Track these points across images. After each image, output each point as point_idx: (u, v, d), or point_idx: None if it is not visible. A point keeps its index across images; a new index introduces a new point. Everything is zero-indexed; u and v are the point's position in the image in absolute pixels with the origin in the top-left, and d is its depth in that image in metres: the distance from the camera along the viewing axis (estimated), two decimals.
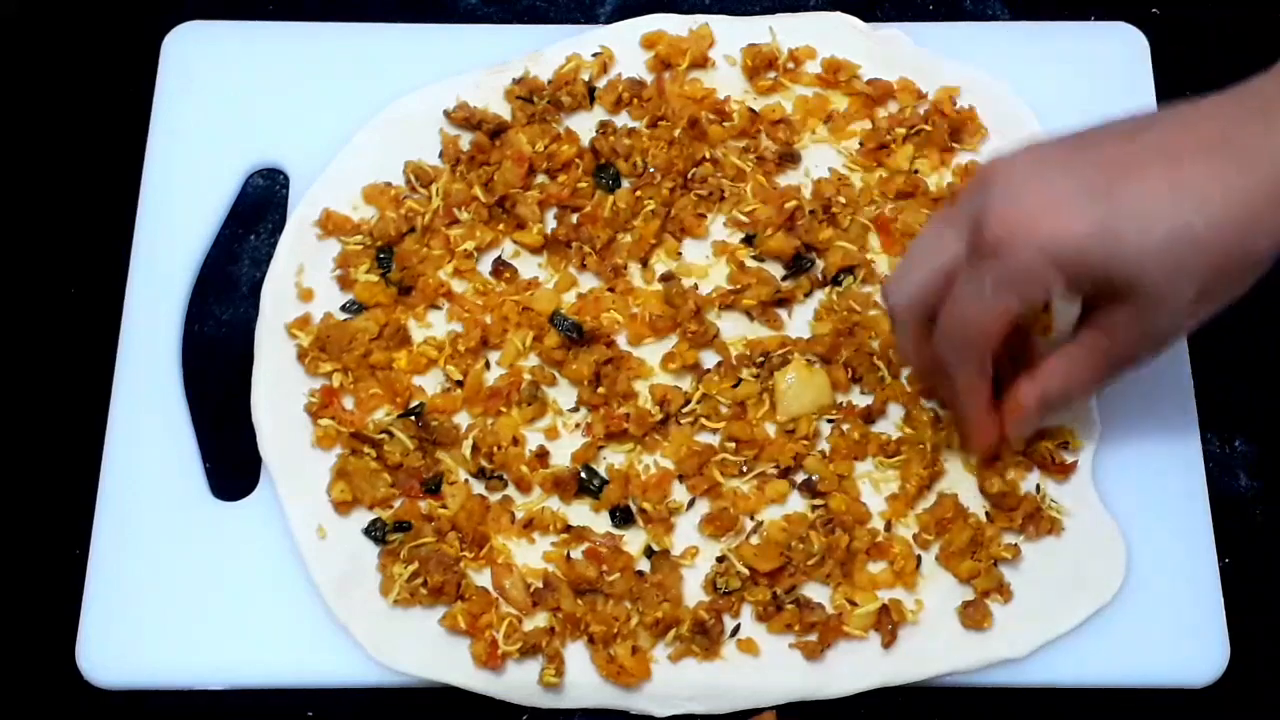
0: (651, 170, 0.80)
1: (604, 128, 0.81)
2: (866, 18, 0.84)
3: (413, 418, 0.74)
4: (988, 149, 0.81)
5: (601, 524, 0.73)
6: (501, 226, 0.79)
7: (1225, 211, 0.58)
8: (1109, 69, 0.84)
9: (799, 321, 0.78)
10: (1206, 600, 0.72)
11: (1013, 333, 0.66)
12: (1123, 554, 0.72)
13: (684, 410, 0.75)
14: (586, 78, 0.83)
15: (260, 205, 0.82)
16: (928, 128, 0.80)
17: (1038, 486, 0.74)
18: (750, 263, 0.78)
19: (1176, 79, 0.84)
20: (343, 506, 0.73)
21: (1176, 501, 0.74)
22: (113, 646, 0.71)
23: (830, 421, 0.75)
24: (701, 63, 0.82)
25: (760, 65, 0.82)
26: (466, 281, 0.78)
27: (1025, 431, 0.72)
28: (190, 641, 0.71)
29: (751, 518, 0.73)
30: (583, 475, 0.73)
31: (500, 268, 0.78)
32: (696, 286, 0.78)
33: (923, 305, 0.66)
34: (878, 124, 0.81)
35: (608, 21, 0.86)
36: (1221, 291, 0.62)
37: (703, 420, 0.75)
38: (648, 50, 0.83)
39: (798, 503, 0.74)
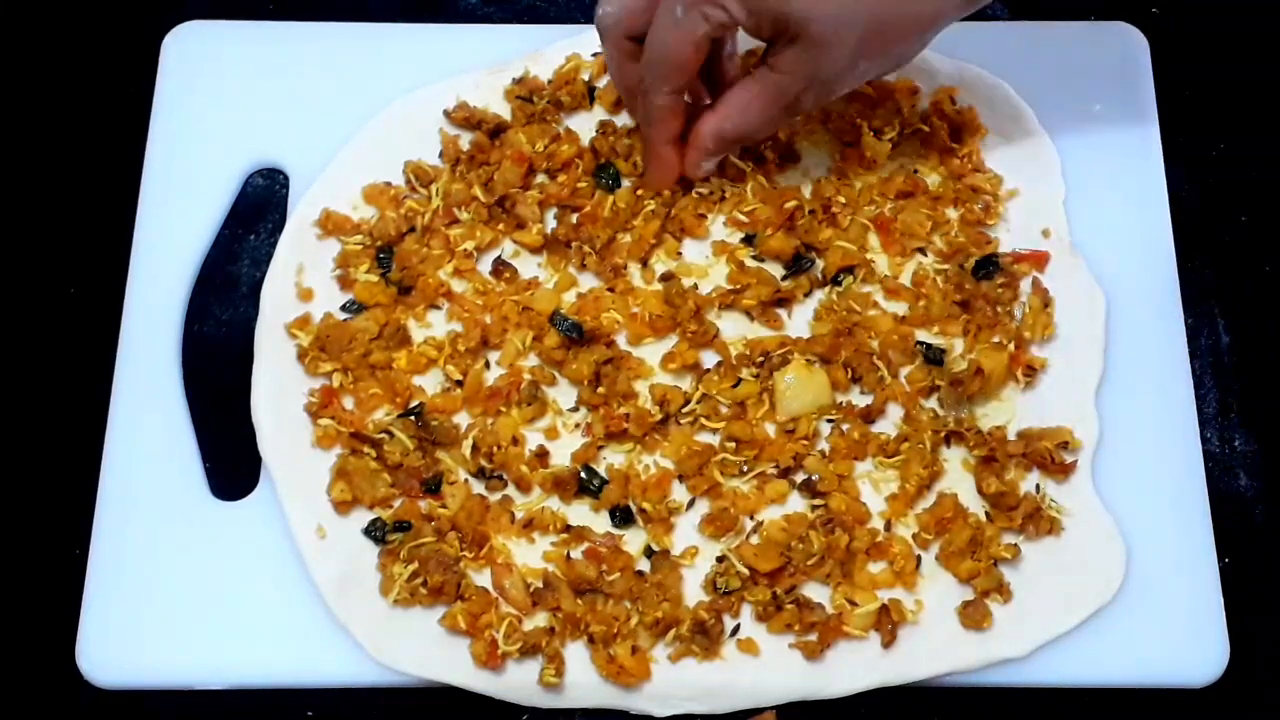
0: None
1: (604, 128, 0.81)
2: None
3: (412, 418, 0.74)
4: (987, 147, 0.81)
5: (601, 524, 0.73)
6: (501, 226, 0.79)
7: None
8: (1109, 69, 0.84)
9: (799, 321, 0.78)
10: (1206, 600, 0.72)
11: (719, 85, 0.75)
12: (1123, 554, 0.72)
13: (684, 410, 0.75)
14: (586, 77, 0.83)
15: (260, 205, 0.82)
16: (924, 128, 0.80)
17: (1037, 486, 0.74)
18: (750, 262, 0.78)
19: (1176, 79, 0.84)
20: (342, 506, 0.73)
21: (1176, 501, 0.74)
22: (113, 646, 0.71)
23: (830, 421, 0.75)
24: None
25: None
26: (466, 281, 0.78)
27: (703, 167, 0.77)
28: (190, 641, 0.71)
29: (751, 518, 0.73)
30: (583, 475, 0.73)
31: (500, 268, 0.78)
32: (696, 286, 0.78)
33: (629, 27, 0.72)
34: (872, 123, 0.81)
35: None
36: (881, 46, 0.70)
37: (703, 420, 0.75)
38: None
39: (798, 503, 0.74)
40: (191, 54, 0.84)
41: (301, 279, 0.78)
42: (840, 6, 0.67)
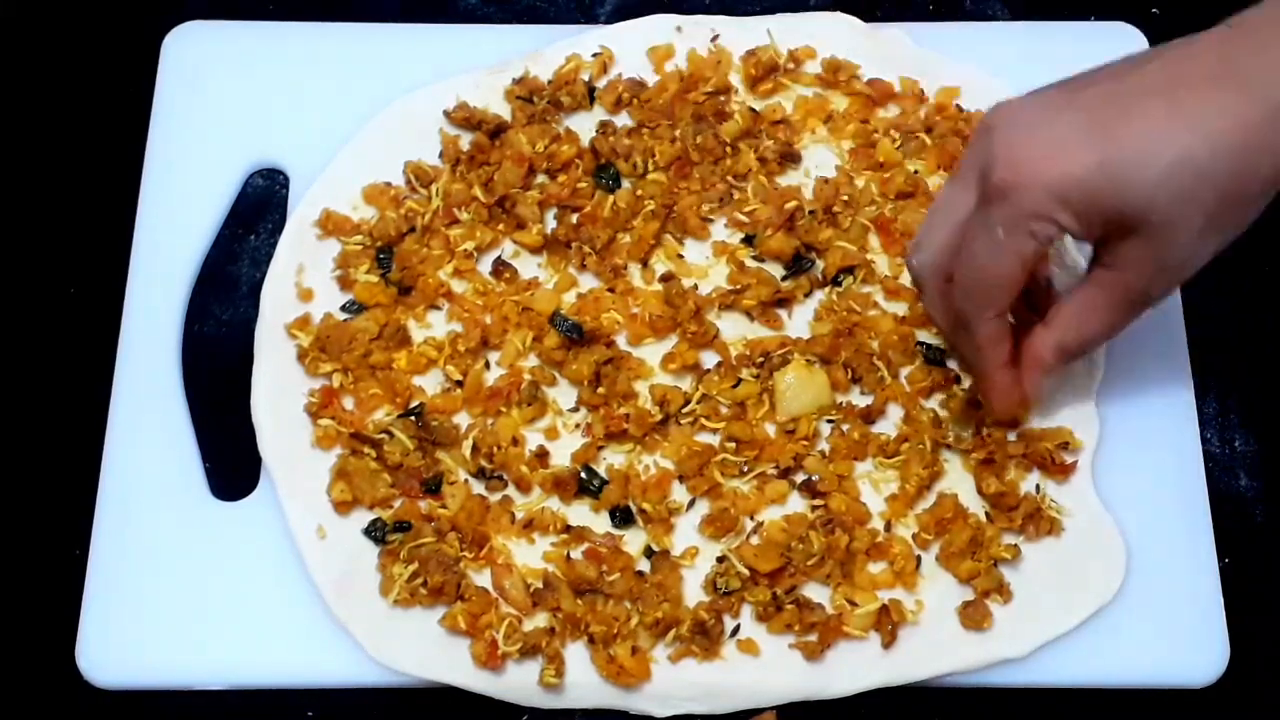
0: (658, 167, 0.79)
1: (604, 128, 0.81)
2: (866, 18, 0.84)
3: (412, 418, 0.74)
4: None
5: (601, 524, 0.73)
6: (501, 226, 0.79)
7: (1225, 137, 0.59)
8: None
9: (799, 322, 0.78)
10: (1206, 600, 0.72)
11: (1033, 292, 0.67)
12: (1122, 554, 0.72)
13: (684, 410, 0.75)
14: (586, 78, 0.83)
15: (260, 205, 0.82)
16: (925, 138, 0.80)
17: (1037, 487, 0.74)
18: (750, 263, 0.78)
19: None
20: (342, 506, 0.73)
21: (1176, 501, 0.74)
22: (113, 646, 0.71)
23: (830, 422, 0.75)
24: (725, 89, 0.82)
25: (761, 73, 0.82)
26: (466, 281, 0.78)
27: (1043, 388, 0.71)
28: (190, 641, 0.71)
29: (751, 518, 0.73)
30: (583, 475, 0.73)
31: (500, 268, 0.78)
32: (696, 287, 0.78)
33: (943, 264, 0.66)
34: (871, 124, 0.81)
35: (607, 21, 0.86)
36: (1229, 219, 0.62)
37: (703, 420, 0.75)
38: (660, 61, 0.83)
39: (798, 503, 0.74)
40: (191, 54, 0.84)
41: (301, 279, 0.78)
42: (1183, 188, 0.59)
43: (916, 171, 0.80)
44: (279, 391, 0.76)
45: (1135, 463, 0.75)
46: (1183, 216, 0.60)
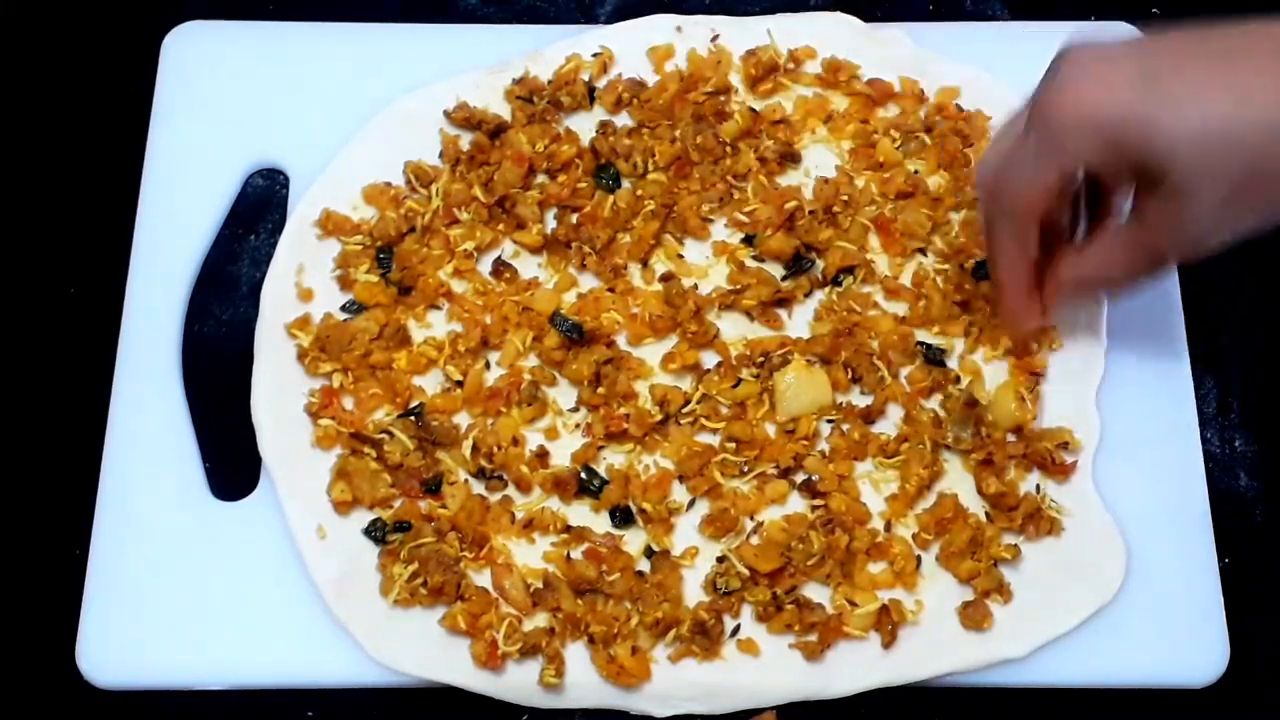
0: (658, 167, 0.79)
1: (604, 128, 0.81)
2: (866, 18, 0.84)
3: (412, 418, 0.74)
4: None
5: (601, 524, 0.73)
6: (501, 226, 0.79)
7: (1266, 110, 0.59)
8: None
9: (799, 322, 0.78)
10: (1206, 600, 0.72)
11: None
12: (1123, 554, 0.72)
13: (684, 410, 0.75)
14: (586, 78, 0.82)
15: (260, 205, 0.82)
16: (925, 138, 0.80)
17: (1038, 486, 0.74)
18: (750, 263, 0.78)
19: None
20: (342, 506, 0.73)
21: (1176, 501, 0.74)
22: (113, 646, 0.71)
23: (830, 422, 0.75)
24: (725, 89, 0.82)
25: (761, 74, 0.82)
26: (466, 281, 0.78)
27: (1058, 313, 0.73)
28: (190, 641, 0.71)
29: (751, 518, 0.73)
30: (583, 475, 0.73)
31: (500, 268, 0.78)
32: (696, 286, 0.78)
33: (990, 178, 0.68)
34: (871, 124, 0.81)
35: (607, 21, 0.86)
36: (1255, 196, 0.61)
37: (703, 420, 0.75)
38: (660, 61, 0.83)
39: (798, 503, 0.74)
40: (191, 54, 0.84)
41: (301, 279, 0.78)
42: (1207, 150, 0.59)
43: (916, 171, 0.80)
44: (279, 391, 0.76)
45: (1135, 463, 0.75)
46: (1206, 179, 0.60)
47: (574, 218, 0.79)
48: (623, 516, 0.73)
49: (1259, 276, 0.82)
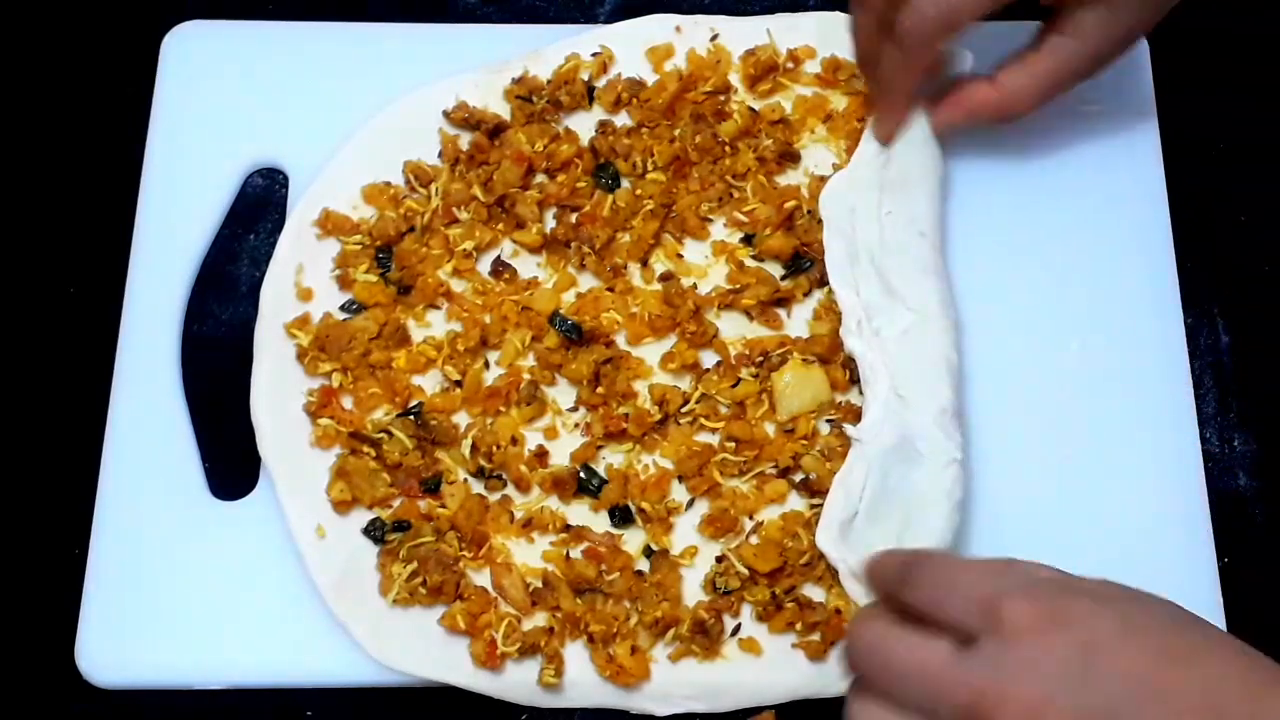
0: (657, 167, 0.79)
1: (603, 127, 0.81)
2: None
3: (412, 417, 0.74)
4: None
5: (601, 524, 0.73)
6: (501, 226, 0.79)
7: None
8: (1108, 69, 0.84)
9: (798, 321, 0.78)
10: (1206, 600, 0.72)
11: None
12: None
13: (683, 410, 0.75)
14: (586, 77, 0.82)
15: (260, 205, 0.82)
16: None
17: None
18: (749, 262, 0.78)
19: (1176, 79, 0.84)
20: (342, 506, 0.73)
21: (1176, 501, 0.74)
22: (112, 646, 0.72)
23: (830, 421, 0.75)
24: (724, 89, 0.82)
25: (760, 73, 0.82)
26: (466, 281, 0.78)
27: (956, 122, 0.76)
28: (190, 641, 0.72)
29: (751, 518, 0.73)
30: (582, 475, 0.73)
31: (499, 267, 0.78)
32: (696, 286, 0.78)
33: None
34: (861, 121, 0.81)
35: (607, 21, 0.86)
36: None
37: (702, 420, 0.75)
38: (659, 61, 0.83)
39: (797, 502, 0.73)
40: (191, 54, 0.84)
41: (301, 279, 0.78)
42: None
43: None
44: (278, 391, 0.76)
45: (1135, 463, 0.75)
46: None
47: (573, 217, 0.79)
48: (622, 516, 0.73)
49: (1259, 277, 0.82)
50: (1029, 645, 0.51)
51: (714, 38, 0.83)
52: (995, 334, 0.77)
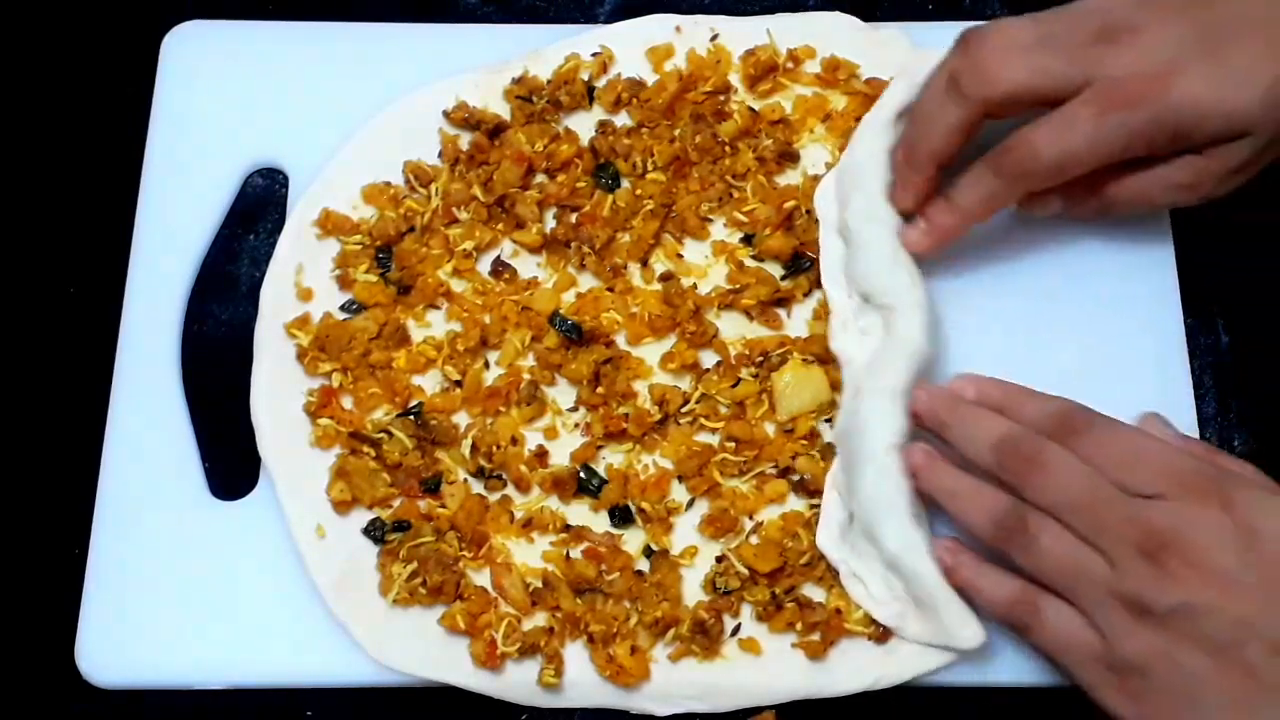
0: (657, 167, 0.79)
1: (603, 127, 0.81)
2: (866, 18, 0.84)
3: (412, 417, 0.75)
4: None
5: (601, 524, 0.73)
6: (500, 226, 0.79)
7: None
8: None
9: (798, 321, 0.78)
10: None
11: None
12: None
13: (683, 410, 0.75)
14: (586, 77, 0.82)
15: (260, 205, 0.82)
16: None
17: None
18: (749, 262, 0.78)
19: None
20: (342, 506, 0.73)
21: None
22: (112, 646, 0.72)
23: (829, 421, 0.75)
24: (724, 89, 0.82)
25: (760, 73, 0.82)
26: (466, 281, 0.78)
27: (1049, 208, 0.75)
28: (190, 641, 0.72)
29: (751, 518, 0.73)
30: (582, 475, 0.74)
31: (499, 267, 0.78)
32: (695, 286, 0.78)
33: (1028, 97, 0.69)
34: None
35: (607, 21, 0.86)
36: None
37: (702, 420, 0.75)
38: (659, 61, 0.83)
39: (797, 502, 0.73)
40: (191, 54, 0.84)
41: (301, 279, 0.78)
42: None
43: None
44: (278, 391, 0.76)
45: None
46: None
47: (573, 217, 0.79)
48: (622, 516, 0.73)
49: (1259, 277, 0.82)
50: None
51: (714, 38, 0.83)
52: (995, 334, 0.77)
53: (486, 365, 0.76)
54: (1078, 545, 0.62)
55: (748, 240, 0.79)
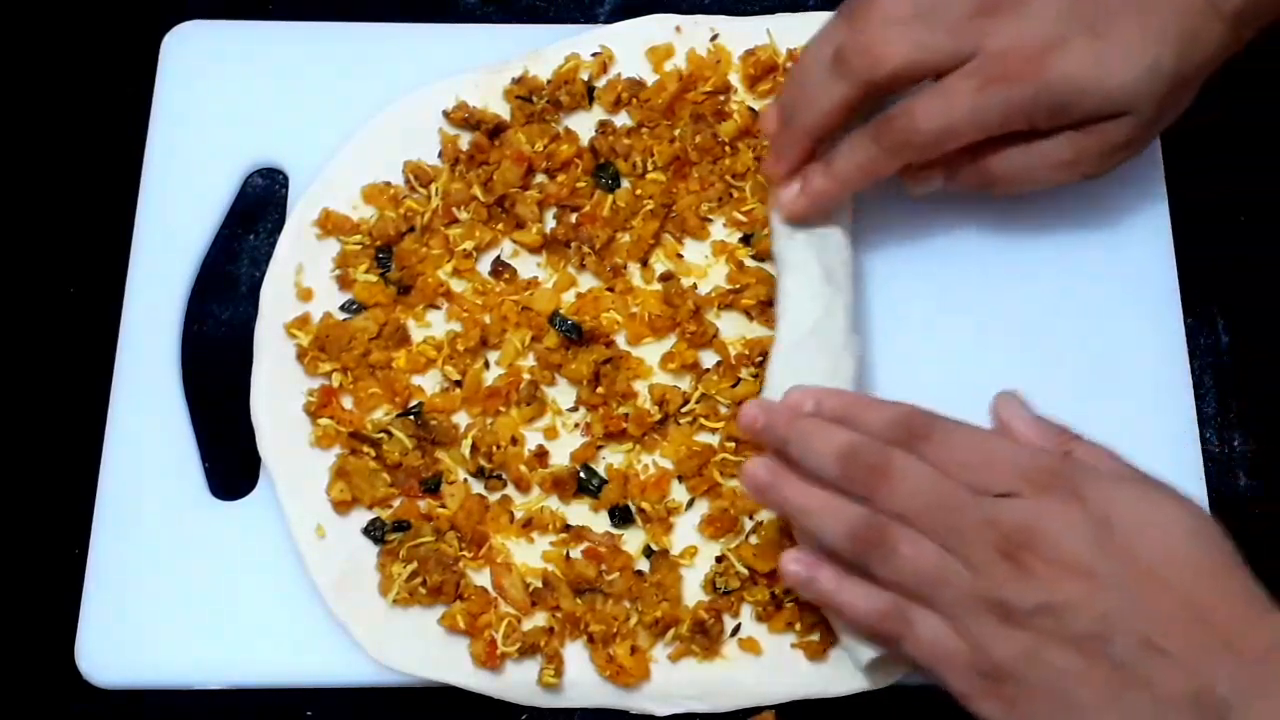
0: (657, 167, 0.79)
1: (603, 127, 0.81)
2: None
3: (411, 417, 0.75)
4: None
5: (600, 524, 0.73)
6: (500, 226, 0.79)
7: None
8: None
9: None
10: None
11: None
12: None
13: (683, 410, 0.75)
14: (586, 77, 0.83)
15: (260, 205, 0.82)
16: None
17: None
18: (749, 262, 0.78)
19: None
20: (342, 506, 0.73)
21: None
22: (112, 646, 0.72)
23: None
24: (724, 89, 0.82)
25: (760, 73, 0.82)
26: (466, 281, 0.78)
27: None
28: (190, 641, 0.71)
29: (751, 518, 0.73)
30: (582, 475, 0.74)
31: (499, 267, 0.78)
32: (696, 286, 0.78)
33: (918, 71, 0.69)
34: None
35: (607, 21, 0.86)
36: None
37: (702, 420, 0.75)
38: (659, 61, 0.83)
39: None
40: (191, 54, 0.84)
41: (301, 279, 0.78)
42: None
43: None
44: (278, 391, 0.76)
45: (1135, 462, 0.75)
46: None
47: (573, 217, 0.79)
48: (622, 516, 0.73)
49: (1259, 277, 0.82)
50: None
51: (714, 38, 0.83)
52: (994, 335, 0.77)
53: (486, 365, 0.76)
54: (938, 552, 0.60)
55: (747, 240, 0.79)
